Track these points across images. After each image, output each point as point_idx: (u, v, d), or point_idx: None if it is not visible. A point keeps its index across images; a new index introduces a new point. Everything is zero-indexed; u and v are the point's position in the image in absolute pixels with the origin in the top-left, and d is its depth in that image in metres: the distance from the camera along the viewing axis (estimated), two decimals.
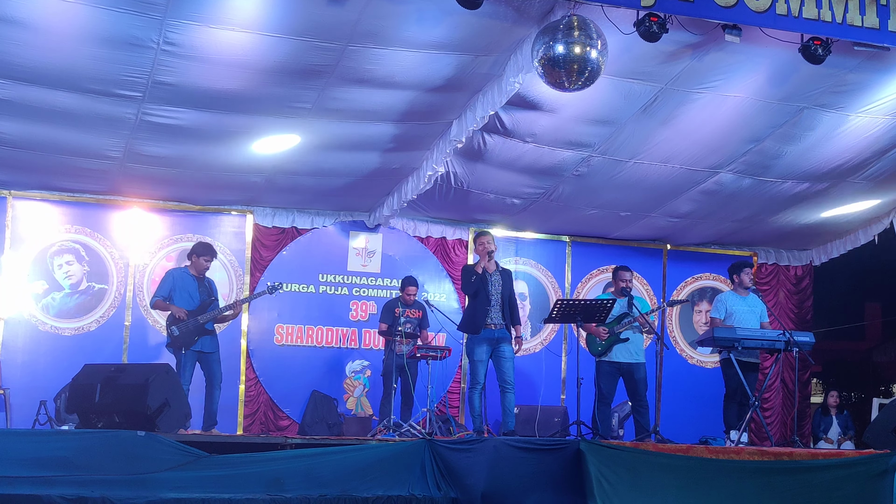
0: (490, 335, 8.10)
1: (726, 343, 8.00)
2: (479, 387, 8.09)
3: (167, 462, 6.35)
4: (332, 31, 6.60)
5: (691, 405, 11.23)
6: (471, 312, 8.23)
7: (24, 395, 9.15)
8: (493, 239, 8.39)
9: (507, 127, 8.21)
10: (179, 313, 8.33)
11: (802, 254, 12.21)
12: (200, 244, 8.89)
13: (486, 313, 8.11)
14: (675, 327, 11.86)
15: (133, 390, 6.96)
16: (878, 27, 6.58)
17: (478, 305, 8.12)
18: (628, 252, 11.51)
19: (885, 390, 21.38)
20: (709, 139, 8.45)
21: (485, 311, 8.11)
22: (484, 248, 8.22)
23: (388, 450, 6.94)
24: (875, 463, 5.02)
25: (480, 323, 8.09)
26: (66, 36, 6.61)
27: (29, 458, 6.23)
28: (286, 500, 6.33)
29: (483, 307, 8.11)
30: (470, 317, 8.23)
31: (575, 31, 6.16)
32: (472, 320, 8.17)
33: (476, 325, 8.11)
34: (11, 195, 9.94)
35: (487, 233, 8.63)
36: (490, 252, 8.20)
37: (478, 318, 8.11)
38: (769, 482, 5.51)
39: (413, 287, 9.67)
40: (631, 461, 6.37)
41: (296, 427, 10.34)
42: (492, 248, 8.25)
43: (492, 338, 8.10)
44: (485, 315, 8.11)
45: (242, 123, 8.12)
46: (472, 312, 8.19)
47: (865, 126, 8.11)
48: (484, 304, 8.11)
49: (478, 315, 8.11)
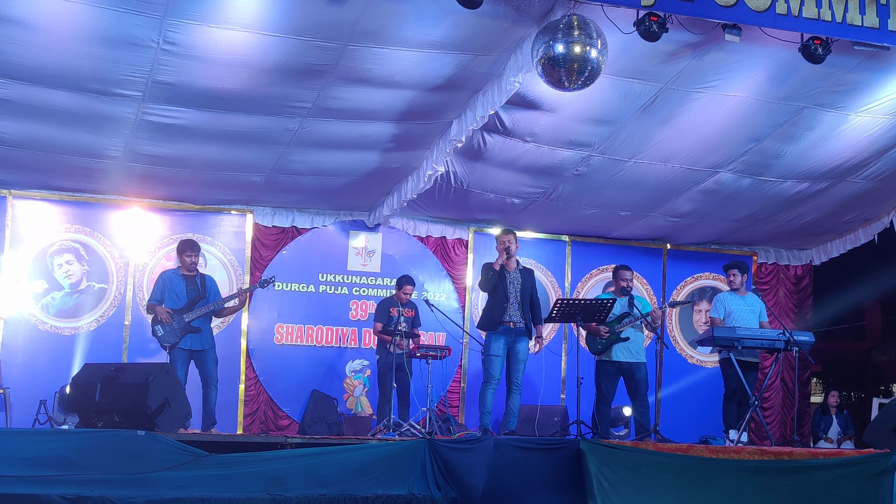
0: (507, 331, 8.10)
1: (726, 343, 8.01)
2: (493, 382, 8.06)
3: (167, 461, 6.35)
4: (332, 31, 6.60)
5: (691, 405, 11.23)
6: (489, 309, 8.23)
7: (24, 395, 9.16)
8: (515, 238, 8.33)
9: (507, 126, 8.21)
10: (163, 315, 8.33)
11: (802, 253, 12.21)
12: (181, 241, 8.93)
13: (504, 310, 8.10)
14: (675, 327, 11.86)
15: (133, 390, 6.96)
16: (878, 27, 6.59)
17: (495, 302, 8.13)
18: (628, 251, 11.51)
19: (884, 390, 21.38)
20: (709, 139, 8.45)
21: (502, 307, 8.10)
22: (503, 246, 8.18)
23: (387, 449, 6.93)
24: (875, 462, 5.03)
25: (497, 319, 8.08)
26: (65, 35, 6.61)
27: (29, 457, 6.22)
28: (286, 500, 6.33)
29: (501, 304, 8.10)
30: (488, 314, 8.23)
31: (575, 31, 6.17)
32: (489, 317, 8.17)
33: (493, 321, 8.10)
34: (11, 194, 9.94)
35: (511, 232, 8.48)
36: (509, 250, 8.18)
37: (495, 314, 8.10)
38: (769, 481, 5.51)
39: (410, 286, 9.67)
40: (631, 460, 6.37)
41: (296, 426, 10.35)
42: (512, 247, 8.21)
43: (509, 334, 8.10)
44: (502, 312, 8.10)
45: (243, 123, 8.12)
46: (490, 309, 8.19)
47: (865, 125, 8.11)
48: (502, 300, 8.10)
49: (495, 312, 8.11)
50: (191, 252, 8.65)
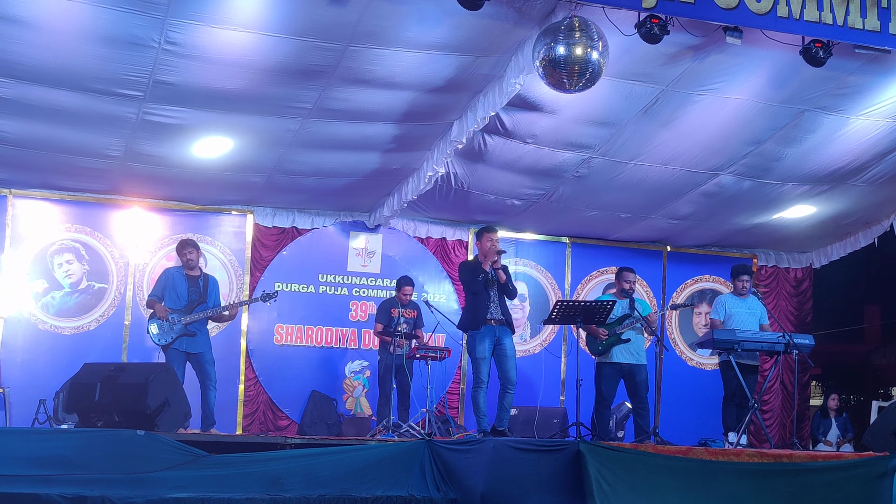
0: (491, 331, 8.07)
1: (726, 345, 8.01)
2: (483, 386, 7.98)
3: (166, 461, 6.35)
4: (333, 32, 6.60)
5: (691, 407, 11.23)
6: (472, 309, 8.15)
7: (24, 394, 9.15)
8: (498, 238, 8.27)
9: (508, 128, 8.21)
10: (160, 313, 8.33)
11: (802, 256, 12.21)
12: (180, 241, 8.94)
13: (487, 309, 8.08)
14: (675, 329, 11.86)
15: (133, 389, 6.96)
16: (880, 30, 6.59)
17: (479, 302, 8.07)
18: (628, 253, 11.51)
19: (884, 393, 21.40)
20: (709, 141, 8.45)
21: (486, 307, 8.06)
22: (494, 247, 8.03)
23: (387, 450, 6.93)
24: (874, 465, 5.03)
25: (481, 319, 8.04)
26: (67, 35, 6.61)
27: (28, 456, 6.22)
28: (285, 500, 6.32)
29: (484, 303, 8.06)
30: (471, 313, 8.14)
31: (576, 33, 6.17)
32: (473, 317, 8.09)
33: (477, 321, 8.05)
34: (12, 194, 9.94)
35: (496, 230, 8.29)
36: (500, 253, 8.10)
37: (479, 314, 8.05)
38: (768, 484, 5.51)
39: (409, 287, 9.66)
40: (630, 463, 6.36)
41: (295, 427, 10.35)
42: (502, 249, 8.15)
43: (493, 334, 8.07)
44: (486, 311, 8.07)
45: (243, 123, 8.12)
46: (474, 309, 8.11)
47: (866, 129, 8.11)
48: (485, 300, 8.08)
49: (479, 311, 8.05)
50: (187, 249, 8.63)
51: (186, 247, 8.65)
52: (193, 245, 8.72)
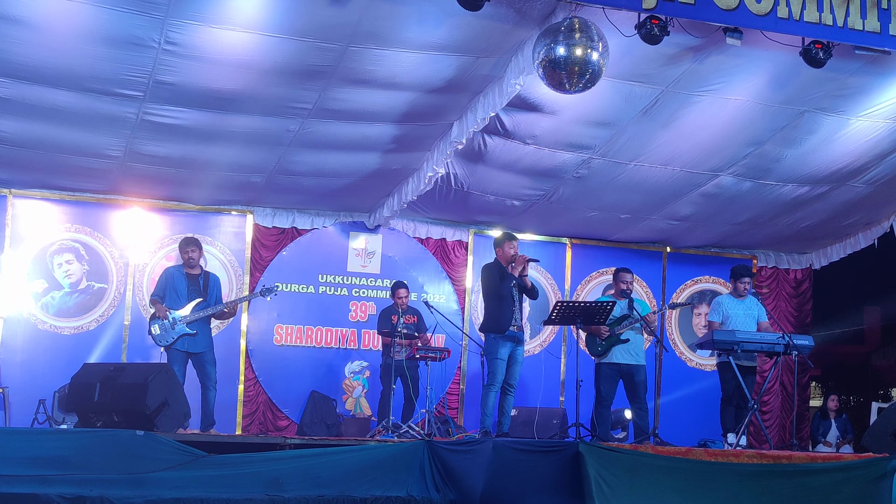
0: (513, 336, 8.11)
1: (726, 346, 8.00)
2: (496, 386, 8.07)
3: (166, 461, 6.35)
4: (333, 32, 6.61)
5: (690, 408, 11.23)
6: (497, 314, 8.15)
7: (23, 394, 9.16)
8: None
9: (508, 128, 8.21)
10: (161, 313, 8.33)
11: (802, 257, 12.21)
12: (183, 238, 8.92)
13: (512, 314, 8.12)
14: (675, 330, 11.86)
15: (132, 390, 6.96)
16: (880, 31, 6.60)
17: (505, 307, 8.11)
18: (628, 254, 11.51)
19: (883, 394, 21.38)
20: (709, 142, 8.45)
21: (511, 312, 8.11)
22: (522, 256, 8.10)
23: (386, 451, 6.94)
24: (873, 466, 5.03)
25: (507, 324, 8.08)
26: (67, 35, 6.62)
27: (27, 456, 6.23)
28: (285, 501, 6.32)
29: (510, 308, 8.11)
30: (496, 318, 8.16)
31: (576, 34, 6.17)
32: (498, 322, 8.13)
33: (502, 326, 8.09)
34: (11, 193, 9.94)
35: (516, 237, 8.40)
36: (530, 261, 8.16)
37: (504, 319, 8.09)
38: (768, 485, 5.52)
39: (403, 290, 9.67)
40: (630, 463, 6.36)
41: (294, 427, 10.34)
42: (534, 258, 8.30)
43: (514, 339, 8.11)
44: (511, 316, 8.11)
45: (243, 124, 8.12)
46: (498, 314, 8.14)
47: (866, 130, 8.11)
48: (510, 305, 8.11)
49: (505, 316, 8.10)
50: (189, 248, 8.61)
51: (189, 245, 8.65)
52: (196, 244, 8.71)
